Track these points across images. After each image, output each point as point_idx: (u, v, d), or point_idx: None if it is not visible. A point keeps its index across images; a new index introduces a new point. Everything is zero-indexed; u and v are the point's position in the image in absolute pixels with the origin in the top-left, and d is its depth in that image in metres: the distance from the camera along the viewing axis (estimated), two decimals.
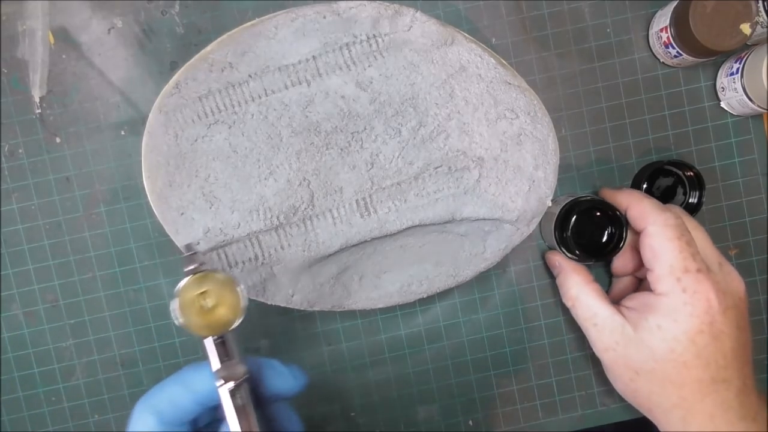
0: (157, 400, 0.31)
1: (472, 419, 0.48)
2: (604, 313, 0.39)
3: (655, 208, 0.39)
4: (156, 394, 0.32)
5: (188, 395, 0.31)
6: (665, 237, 0.37)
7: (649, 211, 0.39)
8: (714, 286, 0.37)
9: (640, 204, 0.39)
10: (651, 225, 0.38)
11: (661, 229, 0.38)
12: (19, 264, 0.46)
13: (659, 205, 0.39)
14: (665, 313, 0.37)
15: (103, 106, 0.45)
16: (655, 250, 0.38)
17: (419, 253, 0.44)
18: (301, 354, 0.47)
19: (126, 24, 0.45)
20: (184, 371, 0.32)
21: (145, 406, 0.32)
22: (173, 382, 0.32)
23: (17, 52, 0.45)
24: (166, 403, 0.31)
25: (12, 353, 0.46)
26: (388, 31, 0.40)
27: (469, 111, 0.41)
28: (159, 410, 0.31)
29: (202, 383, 0.31)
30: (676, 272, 0.37)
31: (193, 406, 0.32)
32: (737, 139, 0.47)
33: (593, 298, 0.40)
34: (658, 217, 0.38)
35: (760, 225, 0.47)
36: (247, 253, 0.41)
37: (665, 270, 0.37)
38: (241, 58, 0.40)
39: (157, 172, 0.40)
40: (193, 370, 0.32)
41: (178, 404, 0.31)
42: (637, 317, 0.38)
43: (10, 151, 0.45)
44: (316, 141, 0.41)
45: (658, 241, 0.38)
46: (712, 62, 0.46)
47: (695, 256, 0.37)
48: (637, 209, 0.39)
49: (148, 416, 0.31)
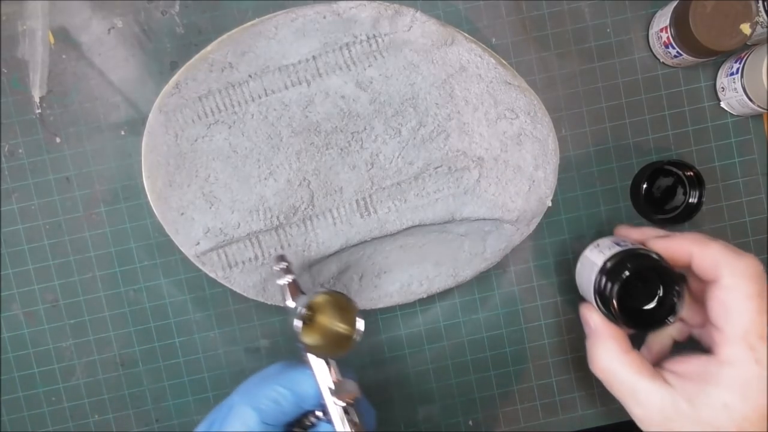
0: (260, 398, 0.32)
1: (472, 419, 0.48)
2: (648, 387, 0.33)
3: (730, 253, 0.32)
4: (258, 391, 0.32)
5: (293, 398, 0.32)
6: (744, 293, 0.31)
7: (722, 257, 0.32)
8: None
9: (708, 249, 0.33)
10: (728, 276, 0.32)
11: (739, 281, 0.31)
12: (19, 264, 0.46)
13: (733, 249, 0.33)
14: (732, 387, 0.31)
15: (103, 106, 0.45)
16: (728, 306, 0.31)
17: (419, 253, 0.44)
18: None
19: (126, 24, 0.45)
20: (288, 374, 0.33)
21: (246, 401, 0.32)
22: (277, 383, 0.32)
23: (17, 52, 0.45)
24: (269, 402, 0.32)
25: (12, 353, 0.46)
26: (388, 31, 0.40)
27: (469, 111, 0.41)
28: (261, 408, 0.32)
29: (309, 389, 0.32)
30: (751, 338, 0.31)
31: (294, 410, 0.32)
32: (737, 139, 0.47)
33: (632, 372, 0.34)
34: (737, 265, 0.32)
35: (760, 225, 0.47)
36: (247, 253, 0.41)
37: (737, 333, 0.31)
38: (241, 58, 0.40)
39: (157, 172, 0.40)
40: (299, 374, 0.33)
41: (282, 406, 0.32)
42: (692, 389, 0.32)
43: (10, 151, 0.45)
44: (316, 141, 0.41)
45: (733, 297, 0.31)
46: (712, 62, 0.46)
47: None
48: (708, 256, 0.33)
49: (250, 412, 0.32)
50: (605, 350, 0.35)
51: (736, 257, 0.32)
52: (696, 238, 0.34)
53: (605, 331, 0.36)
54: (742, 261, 0.32)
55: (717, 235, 0.47)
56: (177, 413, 0.47)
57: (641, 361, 0.34)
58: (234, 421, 0.32)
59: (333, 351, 0.32)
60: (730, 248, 0.33)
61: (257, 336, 0.47)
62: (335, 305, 0.33)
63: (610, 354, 0.35)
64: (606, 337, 0.35)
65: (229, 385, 0.47)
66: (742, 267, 0.32)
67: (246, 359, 0.47)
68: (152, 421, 0.47)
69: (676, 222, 0.46)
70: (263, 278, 0.41)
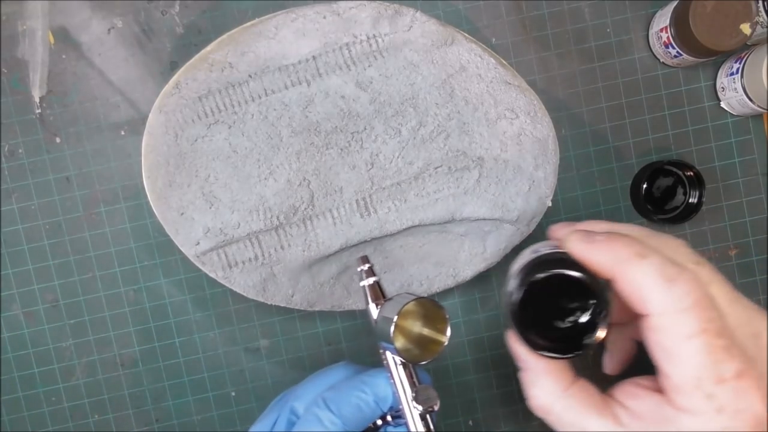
0: (342, 404, 0.32)
1: (472, 419, 0.48)
2: (597, 427, 0.27)
3: (659, 281, 0.24)
4: (338, 397, 0.32)
5: (374, 405, 0.32)
6: (682, 334, 0.24)
7: (649, 288, 0.25)
8: (762, 390, 0.24)
9: (630, 274, 0.25)
10: (658, 315, 0.24)
11: (674, 320, 0.24)
12: (19, 264, 0.46)
13: (663, 272, 0.25)
14: None
15: (103, 106, 0.45)
16: (669, 352, 0.25)
17: (419, 253, 0.44)
18: (301, 354, 0.47)
19: (126, 24, 0.45)
20: (369, 378, 0.33)
21: (327, 404, 0.32)
22: (360, 390, 0.32)
23: (17, 52, 0.45)
24: (352, 409, 0.32)
25: (12, 353, 0.46)
26: (388, 31, 0.40)
27: (469, 111, 0.41)
28: (343, 414, 0.32)
29: (390, 395, 0.32)
30: (706, 386, 0.24)
31: (373, 416, 0.32)
32: (737, 139, 0.47)
33: (577, 411, 0.28)
34: (667, 298, 0.24)
35: (760, 225, 0.47)
36: (247, 253, 0.41)
37: (689, 382, 0.24)
38: (241, 58, 0.40)
39: (157, 172, 0.40)
40: (380, 378, 0.33)
41: (364, 411, 0.32)
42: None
43: (10, 151, 0.45)
44: (316, 141, 0.41)
45: (671, 340, 0.24)
46: (712, 62, 0.46)
47: (731, 349, 0.24)
48: (630, 284, 0.25)
49: (335, 419, 0.32)
50: (541, 389, 0.29)
51: (665, 287, 0.24)
52: (620, 254, 0.25)
53: (538, 365, 0.29)
54: (674, 290, 0.24)
55: (717, 235, 0.47)
56: (177, 413, 0.47)
57: (586, 396, 0.28)
58: (315, 426, 0.32)
59: (422, 355, 0.32)
60: (660, 272, 0.24)
61: (257, 336, 0.47)
62: (423, 310, 0.33)
63: (548, 393, 0.28)
64: (540, 373, 0.29)
65: (229, 385, 0.47)
66: (674, 300, 0.24)
67: (246, 359, 0.47)
68: (152, 421, 0.47)
69: (676, 222, 0.46)
70: (263, 278, 0.41)
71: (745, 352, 0.24)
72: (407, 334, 0.33)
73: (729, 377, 0.24)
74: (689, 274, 0.24)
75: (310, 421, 0.32)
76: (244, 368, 0.47)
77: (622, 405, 0.27)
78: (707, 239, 0.47)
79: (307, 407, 0.33)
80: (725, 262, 0.47)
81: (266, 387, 0.47)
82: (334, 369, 0.36)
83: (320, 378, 0.35)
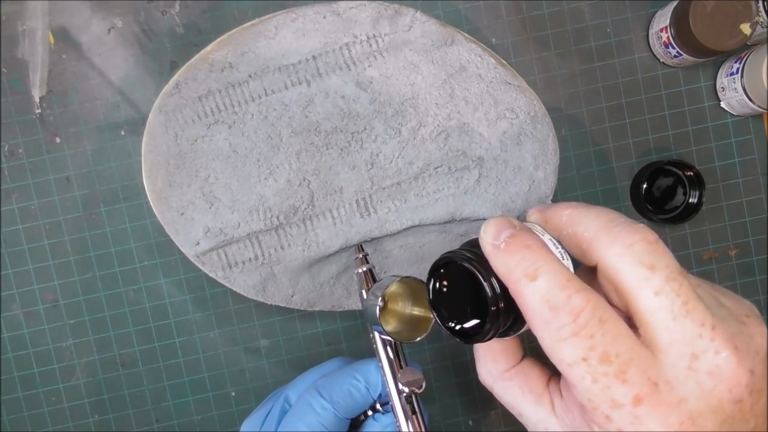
0: (334, 391, 0.32)
1: (472, 419, 0.48)
2: (532, 413, 0.27)
3: (542, 307, 0.23)
4: (330, 384, 0.32)
5: (366, 392, 0.32)
6: (563, 361, 0.24)
7: (531, 314, 0.24)
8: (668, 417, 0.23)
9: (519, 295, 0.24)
10: (540, 339, 0.24)
11: (555, 348, 0.23)
12: (19, 264, 0.46)
13: (549, 295, 0.23)
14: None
15: (103, 106, 0.45)
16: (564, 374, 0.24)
17: (419, 253, 0.44)
18: (301, 354, 0.47)
19: (126, 24, 0.45)
20: (360, 365, 0.33)
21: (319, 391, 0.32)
22: (351, 377, 0.32)
23: (17, 52, 0.45)
24: (344, 395, 0.32)
25: (12, 353, 0.46)
26: (388, 31, 0.40)
27: (469, 111, 0.41)
28: (335, 400, 0.32)
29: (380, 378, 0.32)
30: (603, 408, 0.23)
31: (364, 402, 0.32)
32: (737, 139, 0.47)
33: (513, 395, 0.28)
34: (546, 328, 0.23)
35: (760, 225, 0.47)
36: (247, 253, 0.41)
37: (586, 403, 0.24)
38: (241, 58, 0.40)
39: (157, 172, 0.40)
40: (373, 367, 0.33)
41: (355, 398, 0.32)
42: (573, 426, 0.26)
43: (10, 151, 0.45)
44: (316, 141, 0.41)
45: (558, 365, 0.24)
46: (712, 62, 0.46)
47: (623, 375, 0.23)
48: (518, 303, 0.25)
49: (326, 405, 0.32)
50: (482, 368, 0.29)
51: (548, 316, 0.23)
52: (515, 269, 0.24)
53: (480, 345, 0.29)
54: (557, 320, 0.23)
55: (717, 235, 0.47)
56: (177, 413, 0.47)
57: (525, 381, 0.28)
58: (307, 414, 0.32)
59: (412, 334, 0.32)
60: (547, 298, 0.23)
61: (257, 336, 0.47)
62: (409, 290, 0.33)
63: (488, 373, 0.29)
64: (482, 353, 0.29)
65: (229, 385, 0.47)
66: (554, 329, 0.23)
67: (246, 359, 0.47)
68: (152, 421, 0.47)
69: (676, 222, 0.46)
70: (263, 278, 0.41)
71: (661, 374, 0.23)
72: (396, 316, 0.33)
73: (624, 402, 0.23)
74: (578, 301, 0.23)
75: (302, 408, 0.32)
76: (244, 368, 0.47)
77: (560, 394, 0.27)
78: (707, 239, 0.47)
79: (299, 395, 0.34)
80: (725, 262, 0.47)
81: (266, 387, 0.47)
82: (329, 362, 0.36)
83: (315, 370, 0.35)
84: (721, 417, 0.23)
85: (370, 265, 0.35)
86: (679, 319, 0.23)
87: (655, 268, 0.23)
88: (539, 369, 0.29)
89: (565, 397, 0.26)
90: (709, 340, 0.23)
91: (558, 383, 0.28)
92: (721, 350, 0.23)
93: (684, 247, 0.47)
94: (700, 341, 0.23)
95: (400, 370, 0.32)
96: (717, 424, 0.23)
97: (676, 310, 0.23)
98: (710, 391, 0.23)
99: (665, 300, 0.23)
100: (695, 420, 0.22)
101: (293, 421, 0.32)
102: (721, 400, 0.23)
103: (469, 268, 0.26)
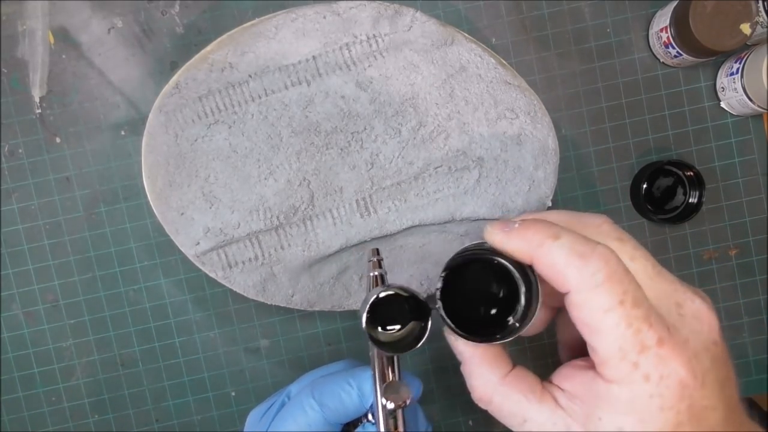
0: (326, 393, 0.32)
1: (472, 419, 0.48)
2: (538, 413, 0.27)
3: (571, 258, 0.25)
4: (324, 387, 0.32)
5: (357, 399, 0.32)
6: (599, 307, 0.25)
7: (564, 265, 0.25)
8: (684, 356, 0.25)
9: (547, 255, 0.26)
10: (576, 292, 0.25)
11: (590, 296, 0.25)
12: (19, 264, 0.46)
13: (577, 249, 0.25)
14: (625, 411, 0.25)
15: (103, 106, 0.45)
16: (591, 327, 0.25)
17: (419, 253, 0.44)
18: (301, 354, 0.47)
19: (126, 24, 0.45)
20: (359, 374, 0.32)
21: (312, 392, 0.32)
22: (345, 382, 0.32)
23: (17, 52, 0.45)
24: (333, 400, 0.31)
25: (12, 353, 0.46)
26: (388, 31, 0.40)
27: (469, 111, 0.41)
28: (324, 403, 0.31)
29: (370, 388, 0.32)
30: (630, 355, 0.25)
31: (356, 410, 0.32)
32: (737, 139, 0.47)
33: (516, 399, 0.28)
34: (580, 275, 0.25)
35: (760, 225, 0.47)
36: (247, 253, 0.41)
37: (614, 354, 0.25)
38: (241, 58, 0.40)
39: (157, 172, 0.40)
40: (364, 372, 0.32)
41: (346, 404, 0.31)
42: (584, 411, 0.26)
43: (10, 151, 0.45)
44: (316, 141, 0.41)
45: (590, 316, 0.25)
46: (712, 62, 0.46)
47: (649, 319, 0.25)
48: (546, 266, 0.26)
49: (315, 406, 0.31)
50: (479, 379, 0.29)
51: (579, 264, 0.25)
52: (535, 237, 0.26)
53: (474, 356, 0.29)
54: (588, 267, 0.25)
55: (717, 235, 0.47)
56: (177, 413, 0.47)
57: (524, 383, 0.29)
58: (297, 413, 0.31)
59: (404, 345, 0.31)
60: (573, 250, 0.25)
61: (257, 336, 0.47)
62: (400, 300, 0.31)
63: (486, 383, 0.29)
64: (477, 363, 0.29)
65: (229, 385, 0.47)
66: (588, 275, 0.25)
67: (246, 359, 0.47)
68: (152, 421, 0.47)
69: (676, 222, 0.46)
70: (263, 278, 0.41)
71: (666, 320, 0.26)
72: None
73: (650, 345, 0.25)
74: (602, 249, 0.25)
75: (295, 405, 0.32)
76: (244, 368, 0.47)
77: (559, 388, 0.28)
78: (707, 239, 0.47)
79: (297, 393, 0.34)
80: (725, 262, 0.47)
81: (266, 387, 0.47)
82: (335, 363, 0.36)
83: (320, 370, 0.35)
84: (711, 356, 0.26)
85: (382, 270, 0.33)
86: (655, 278, 0.27)
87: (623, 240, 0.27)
88: (531, 373, 0.30)
89: (566, 388, 0.28)
90: (683, 292, 0.27)
91: (551, 383, 0.29)
92: (694, 298, 0.27)
93: (684, 247, 0.47)
94: (677, 293, 0.27)
95: (388, 381, 0.30)
96: (710, 362, 0.26)
97: (650, 272, 0.27)
98: (699, 332, 0.26)
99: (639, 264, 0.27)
100: (698, 357, 0.25)
101: (285, 417, 0.32)
102: (707, 341, 0.26)
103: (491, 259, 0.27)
